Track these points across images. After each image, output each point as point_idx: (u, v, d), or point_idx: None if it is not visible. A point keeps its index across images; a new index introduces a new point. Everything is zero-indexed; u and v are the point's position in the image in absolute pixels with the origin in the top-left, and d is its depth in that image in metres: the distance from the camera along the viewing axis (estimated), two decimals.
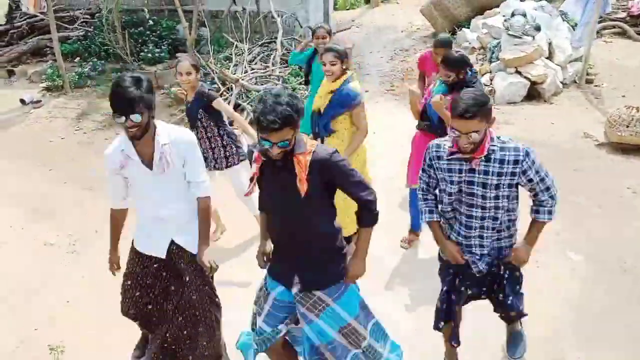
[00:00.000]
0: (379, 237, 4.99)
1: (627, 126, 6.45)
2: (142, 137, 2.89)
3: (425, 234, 4.92)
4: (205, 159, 4.67)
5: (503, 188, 2.89)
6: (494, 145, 2.83)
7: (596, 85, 8.66)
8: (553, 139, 6.95)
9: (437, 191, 3.17)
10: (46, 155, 7.13)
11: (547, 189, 2.93)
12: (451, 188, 2.98)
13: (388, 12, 13.57)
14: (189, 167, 3.07)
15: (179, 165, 3.03)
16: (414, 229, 4.95)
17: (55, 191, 6.18)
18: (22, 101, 8.73)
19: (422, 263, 4.73)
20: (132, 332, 3.54)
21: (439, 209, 3.17)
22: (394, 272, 4.63)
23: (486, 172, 2.86)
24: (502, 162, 2.83)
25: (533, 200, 3.01)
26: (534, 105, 8.08)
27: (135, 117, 2.79)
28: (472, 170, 2.89)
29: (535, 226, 3.04)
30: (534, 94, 8.24)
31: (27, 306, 4.36)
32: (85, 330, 3.95)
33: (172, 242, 3.16)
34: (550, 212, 2.98)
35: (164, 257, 3.18)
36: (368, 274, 4.53)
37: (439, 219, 3.18)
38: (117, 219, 3.27)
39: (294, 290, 2.85)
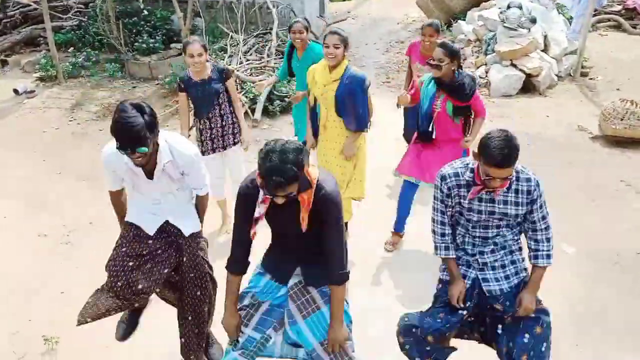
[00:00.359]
0: (369, 230, 5.04)
1: (622, 119, 6.47)
2: (148, 163, 2.90)
3: (411, 227, 4.90)
4: (213, 139, 4.77)
5: (514, 216, 2.92)
6: (512, 176, 2.82)
7: (591, 79, 8.67)
8: (548, 132, 6.96)
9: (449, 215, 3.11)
10: (40, 145, 7.09)
11: (547, 228, 2.95)
12: (469, 215, 2.97)
13: (384, 4, 13.52)
14: (191, 177, 3.11)
15: (179, 175, 3.06)
16: (397, 231, 4.87)
17: (49, 182, 6.15)
18: (16, 91, 8.67)
19: (413, 255, 4.75)
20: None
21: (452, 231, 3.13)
22: (386, 265, 4.64)
23: (505, 202, 2.88)
24: (517, 191, 2.86)
25: (529, 247, 3.00)
26: (529, 98, 8.09)
27: (143, 150, 2.76)
28: (492, 200, 2.89)
29: (537, 272, 3.01)
30: (529, 86, 8.24)
31: (22, 299, 4.35)
32: (82, 326, 3.92)
33: (167, 222, 3.17)
34: (549, 257, 2.97)
35: (151, 234, 3.14)
36: (360, 268, 4.56)
37: (455, 256, 3.08)
38: (118, 200, 3.27)
39: (291, 282, 2.85)
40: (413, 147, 4.63)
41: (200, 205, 3.31)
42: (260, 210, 2.64)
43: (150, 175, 2.99)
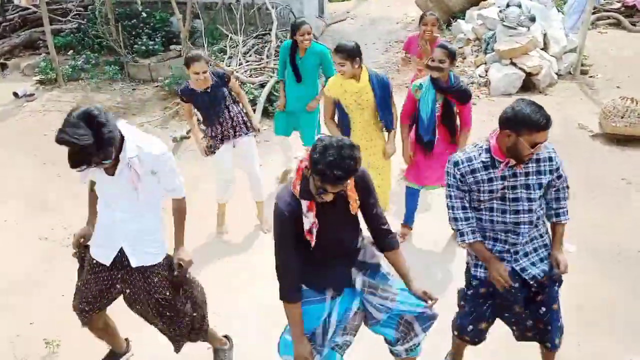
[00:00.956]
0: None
1: (622, 117, 6.46)
2: (115, 167, 2.79)
3: (418, 224, 4.93)
4: (224, 135, 4.77)
5: (541, 187, 2.88)
6: None
7: (591, 76, 8.66)
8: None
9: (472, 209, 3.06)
10: (40, 148, 7.09)
11: (567, 186, 2.99)
12: (491, 198, 2.89)
13: (383, 4, 13.51)
14: (161, 177, 2.94)
15: (145, 175, 2.87)
16: (407, 223, 4.94)
17: (49, 185, 6.16)
18: (16, 94, 8.68)
19: (414, 257, 4.73)
20: (129, 329, 3.54)
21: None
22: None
23: (527, 174, 2.85)
24: (537, 160, 2.84)
25: (550, 207, 3.01)
26: (528, 97, 7.99)
27: (106, 162, 2.68)
28: (514, 175, 2.84)
29: (560, 230, 3.06)
30: (529, 85, 8.24)
31: (23, 302, 4.35)
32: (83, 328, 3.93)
33: (122, 252, 3.02)
34: (567, 212, 3.02)
35: (108, 264, 3.04)
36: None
37: (482, 239, 3.01)
38: (91, 190, 3.17)
39: (358, 285, 2.91)
40: (416, 154, 4.64)
41: (178, 212, 3.09)
42: (310, 220, 2.67)
43: (111, 172, 2.84)
